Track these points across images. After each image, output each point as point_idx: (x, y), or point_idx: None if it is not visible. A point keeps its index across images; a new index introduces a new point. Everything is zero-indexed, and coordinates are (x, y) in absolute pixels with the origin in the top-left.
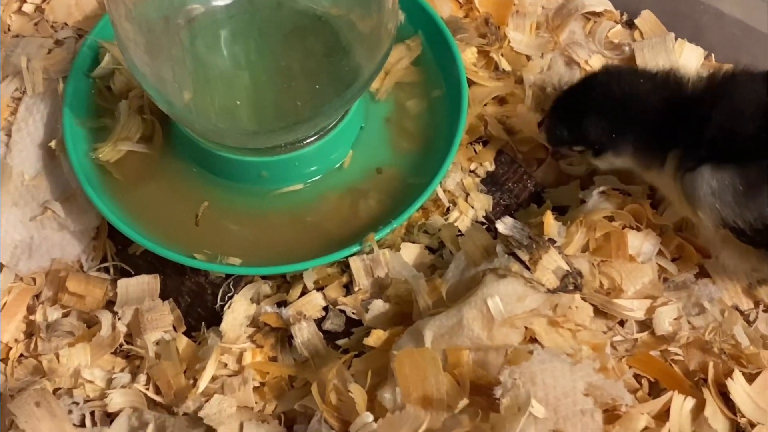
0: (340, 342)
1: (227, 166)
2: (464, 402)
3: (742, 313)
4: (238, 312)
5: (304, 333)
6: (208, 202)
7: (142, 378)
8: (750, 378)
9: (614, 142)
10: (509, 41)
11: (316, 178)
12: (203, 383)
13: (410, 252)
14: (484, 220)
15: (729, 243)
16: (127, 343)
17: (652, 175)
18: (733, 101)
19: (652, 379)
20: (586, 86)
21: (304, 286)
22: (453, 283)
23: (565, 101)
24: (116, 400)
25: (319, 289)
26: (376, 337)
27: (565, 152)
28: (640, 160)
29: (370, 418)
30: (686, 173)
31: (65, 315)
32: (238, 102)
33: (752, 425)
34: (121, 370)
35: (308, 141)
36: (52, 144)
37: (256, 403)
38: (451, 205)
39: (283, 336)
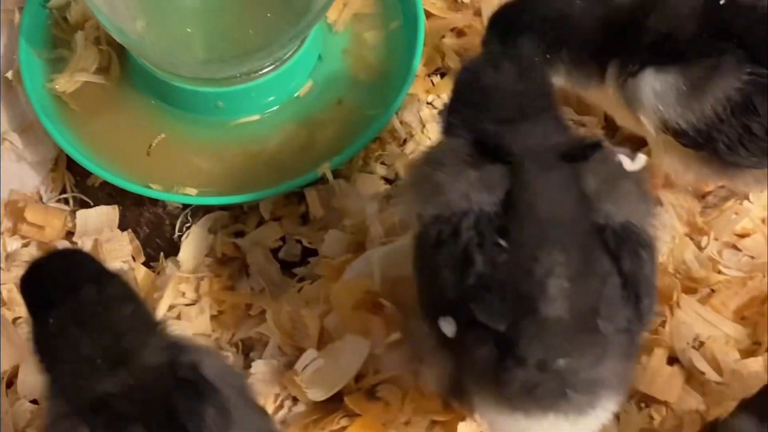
0: (297, 270)
1: (183, 96)
2: None
3: (693, 240)
4: (195, 242)
5: (260, 262)
6: (165, 133)
7: None
8: (703, 300)
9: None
10: None
11: (274, 108)
12: (161, 312)
13: (366, 182)
14: None
15: (672, 149)
16: None
17: (593, 93)
18: (670, 3)
19: None
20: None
21: (261, 216)
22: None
23: None
24: None
25: (276, 219)
26: (327, 265)
27: None
28: (573, 79)
29: (315, 353)
30: (628, 78)
31: (25, 245)
32: (189, 30)
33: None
34: None
35: (264, 71)
36: (9, 75)
37: (213, 331)
38: (407, 136)
39: (240, 265)
